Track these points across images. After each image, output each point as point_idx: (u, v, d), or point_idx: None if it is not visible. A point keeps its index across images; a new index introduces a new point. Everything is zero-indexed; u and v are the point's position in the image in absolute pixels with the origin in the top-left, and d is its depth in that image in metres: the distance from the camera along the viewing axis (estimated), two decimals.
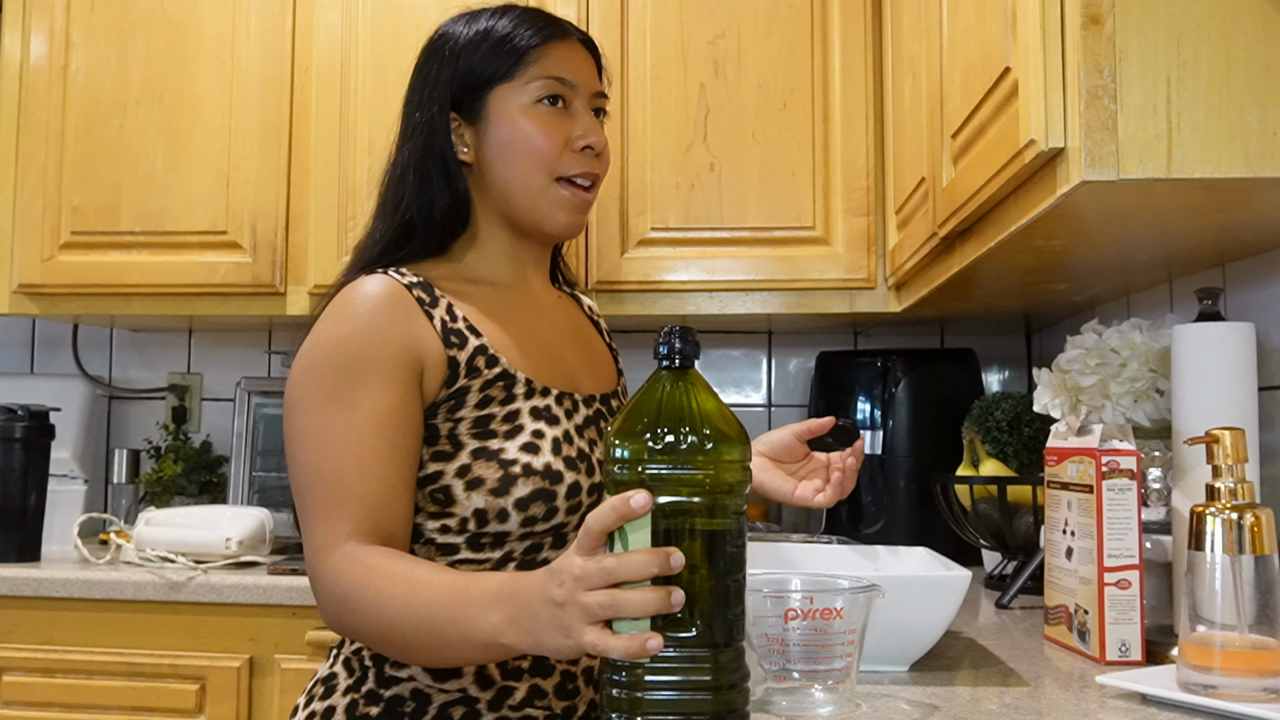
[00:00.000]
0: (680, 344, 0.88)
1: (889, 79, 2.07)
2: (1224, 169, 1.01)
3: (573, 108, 1.24)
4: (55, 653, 1.96)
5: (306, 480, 1.10)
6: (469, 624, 0.93)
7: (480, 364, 1.15)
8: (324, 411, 1.10)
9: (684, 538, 0.84)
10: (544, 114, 1.22)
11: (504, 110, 1.22)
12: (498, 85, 1.22)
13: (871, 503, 2.21)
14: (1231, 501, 0.98)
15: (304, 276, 2.22)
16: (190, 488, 2.48)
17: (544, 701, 1.15)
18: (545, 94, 1.22)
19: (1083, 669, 1.16)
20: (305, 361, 1.13)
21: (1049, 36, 1.05)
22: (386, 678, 1.14)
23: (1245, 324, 1.22)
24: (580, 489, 1.16)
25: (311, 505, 1.09)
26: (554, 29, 1.25)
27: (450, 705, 1.13)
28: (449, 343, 1.14)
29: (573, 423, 1.19)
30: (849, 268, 2.15)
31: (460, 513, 1.13)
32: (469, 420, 1.14)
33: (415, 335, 1.13)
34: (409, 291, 1.15)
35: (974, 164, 1.33)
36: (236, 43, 2.26)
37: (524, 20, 1.25)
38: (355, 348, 1.11)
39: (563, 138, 1.22)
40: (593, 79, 1.27)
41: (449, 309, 1.17)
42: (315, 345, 1.14)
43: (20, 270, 2.27)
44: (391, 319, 1.13)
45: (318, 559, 1.07)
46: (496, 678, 1.14)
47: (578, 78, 1.24)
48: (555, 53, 1.23)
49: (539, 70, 1.22)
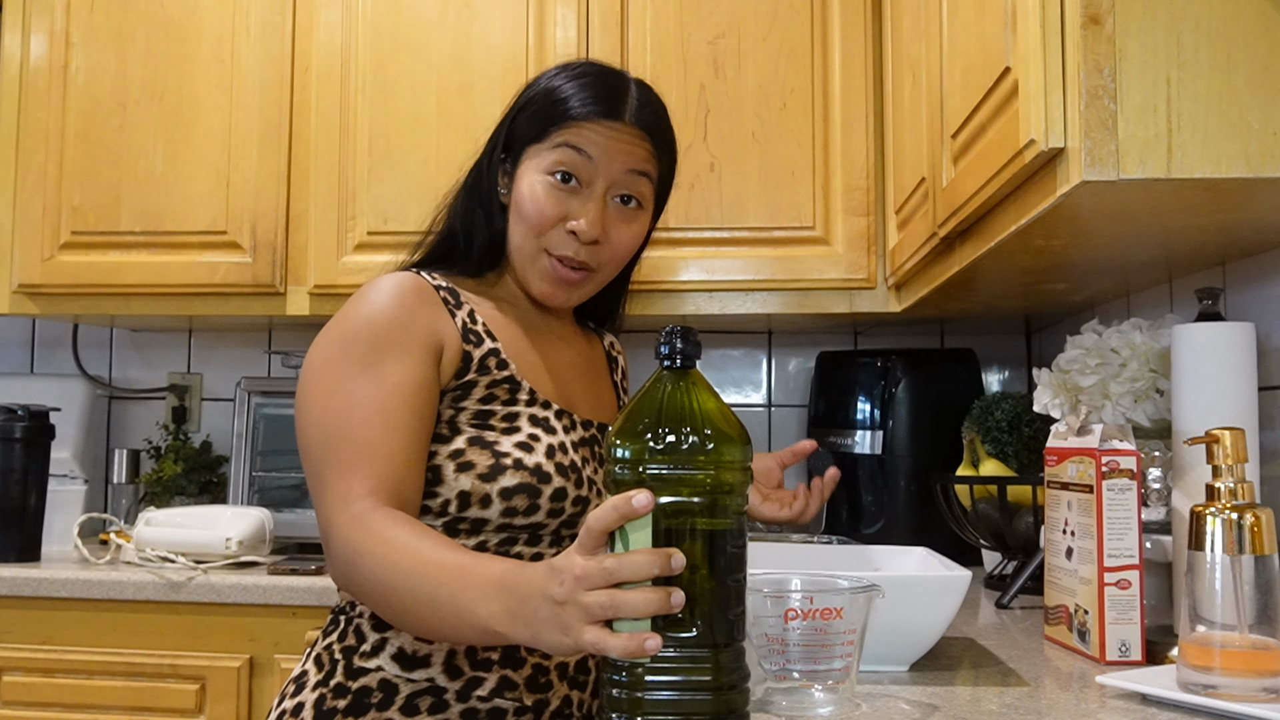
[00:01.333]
0: (681, 344, 0.88)
1: (889, 79, 2.07)
2: (1224, 169, 1.01)
3: (587, 186, 1.22)
4: (55, 653, 1.96)
5: (327, 439, 1.11)
6: (467, 607, 0.94)
7: (491, 364, 1.20)
8: (352, 378, 1.13)
9: (685, 538, 0.84)
10: (550, 186, 1.21)
11: (526, 169, 1.24)
12: (531, 144, 1.24)
13: (871, 503, 2.21)
14: (1231, 501, 0.98)
15: (304, 276, 2.22)
16: (190, 488, 2.48)
17: (514, 694, 1.16)
18: (557, 165, 1.21)
19: (1083, 669, 1.16)
20: (334, 333, 1.17)
21: (1049, 36, 1.05)
22: (355, 669, 1.15)
23: (1245, 324, 1.22)
24: (566, 495, 1.18)
25: (333, 462, 1.10)
26: (603, 106, 1.21)
27: (417, 695, 1.14)
28: (467, 339, 1.19)
29: (569, 437, 1.22)
30: (849, 268, 2.15)
31: (445, 493, 1.15)
32: (470, 411, 1.18)
33: (437, 324, 1.18)
34: (436, 290, 1.21)
35: (974, 164, 1.33)
36: (236, 43, 2.26)
37: (587, 88, 1.22)
38: (385, 324, 1.15)
39: (559, 214, 1.21)
40: (626, 160, 1.22)
41: (470, 313, 1.22)
42: (344, 319, 1.17)
43: (20, 270, 2.27)
44: (418, 306, 1.18)
45: (334, 509, 1.08)
46: (465, 668, 1.15)
47: (602, 155, 1.21)
48: (591, 128, 1.20)
49: (562, 137, 1.21)
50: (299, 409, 1.15)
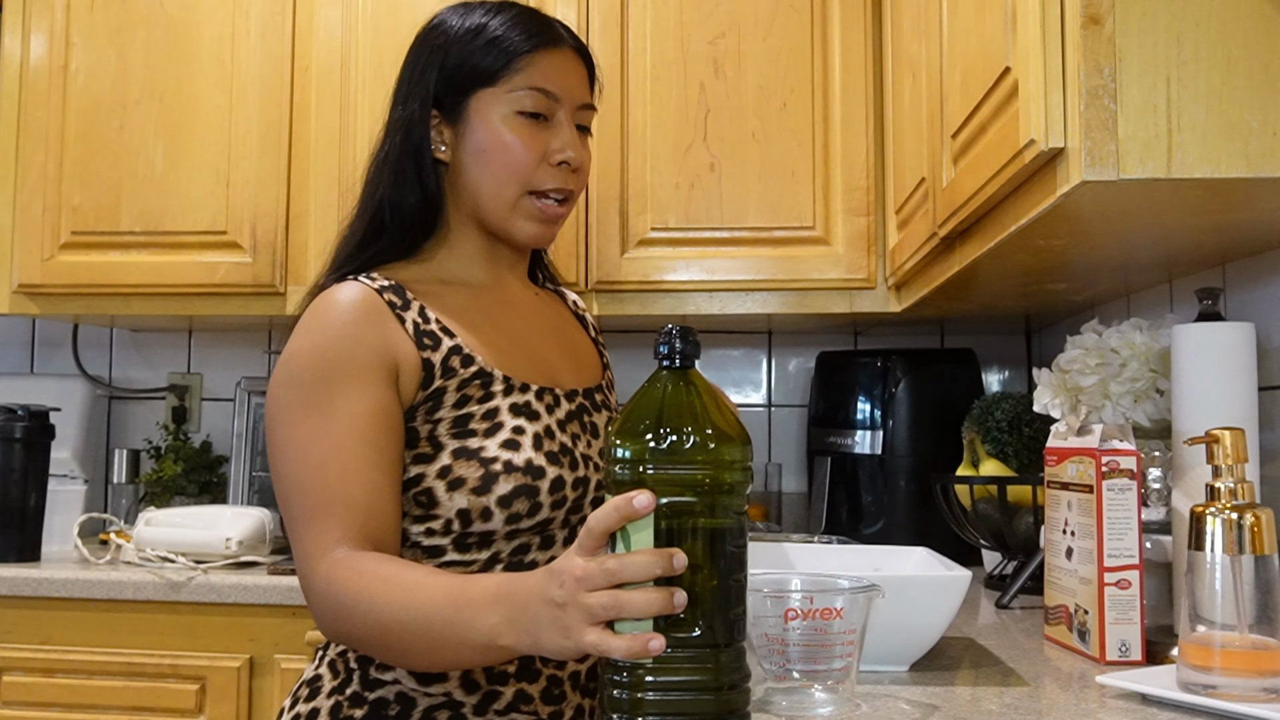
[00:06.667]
0: (681, 344, 0.88)
1: (889, 79, 2.07)
2: (1224, 169, 1.01)
3: (554, 120, 1.22)
4: (55, 653, 1.96)
5: (290, 491, 1.09)
6: (467, 626, 0.93)
7: (455, 364, 1.15)
8: (304, 422, 1.09)
9: (685, 538, 0.84)
10: (523, 125, 1.20)
11: (484, 116, 1.20)
12: (481, 89, 1.20)
13: (871, 503, 2.21)
14: (1231, 501, 0.98)
15: (304, 276, 2.22)
16: (190, 488, 2.48)
17: (530, 706, 1.14)
18: (527, 105, 1.20)
19: (1083, 669, 1.16)
20: (282, 374, 1.13)
21: (1049, 36, 1.05)
22: (371, 680, 1.14)
23: (1245, 324, 1.22)
24: (564, 484, 1.15)
25: (298, 516, 1.08)
26: (547, 36, 1.22)
27: (435, 709, 1.12)
28: (422, 344, 1.14)
29: (554, 418, 1.18)
30: (849, 268, 2.15)
31: (444, 514, 1.12)
32: (448, 420, 1.14)
33: (388, 340, 1.13)
34: (379, 296, 1.15)
35: (974, 164, 1.33)
36: (236, 43, 2.26)
37: (518, 23, 1.22)
38: (330, 356, 1.11)
39: (540, 151, 1.20)
40: (580, 91, 1.25)
41: (421, 311, 1.16)
42: (290, 357, 1.13)
43: (20, 270, 2.27)
44: (364, 325, 1.12)
45: (309, 567, 1.06)
46: (482, 682, 1.13)
47: (563, 89, 1.22)
48: (544, 62, 1.21)
49: (524, 79, 1.20)
50: (268, 459, 1.13)
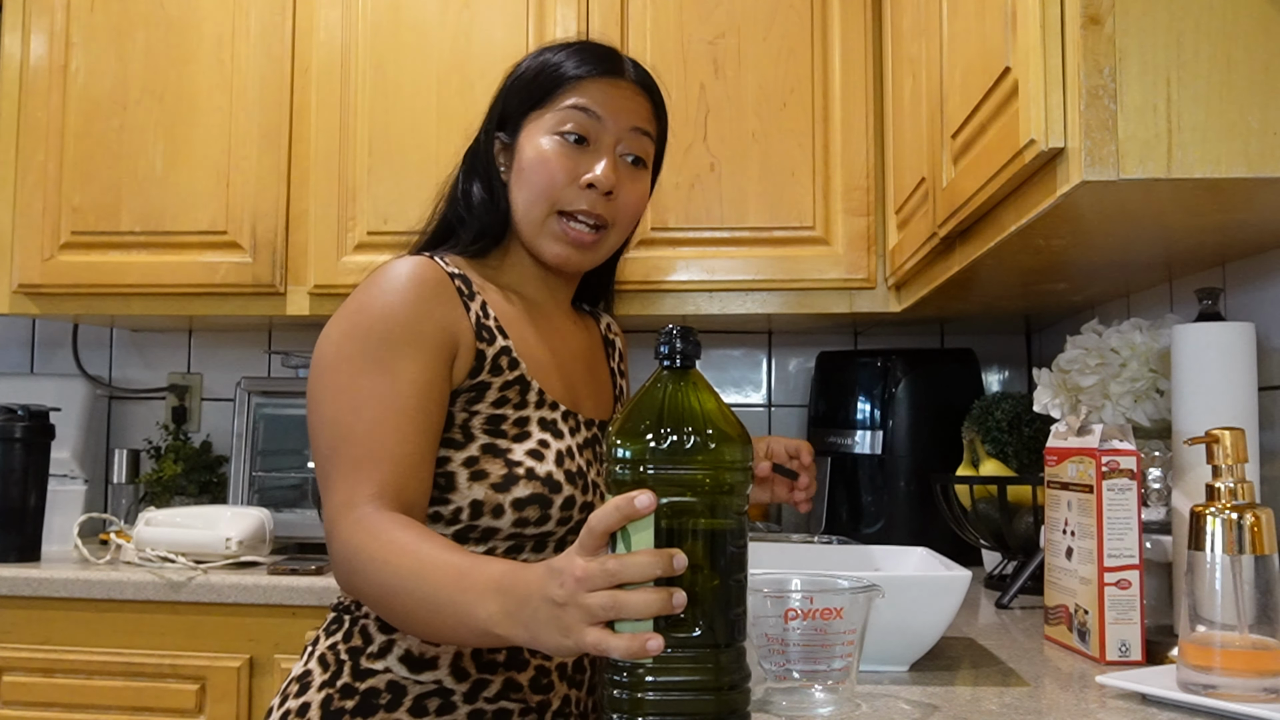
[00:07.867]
0: (681, 344, 0.88)
1: (889, 79, 2.07)
2: (1224, 169, 1.01)
3: (595, 145, 1.22)
4: (55, 653, 1.96)
5: (336, 439, 1.10)
6: (466, 609, 0.94)
7: (503, 364, 1.18)
8: (365, 374, 1.11)
9: (686, 538, 0.84)
10: (560, 146, 1.21)
11: (531, 136, 1.23)
12: (532, 111, 1.24)
13: (871, 503, 2.21)
14: (1231, 501, 0.98)
15: (304, 276, 2.22)
16: (190, 488, 2.48)
17: (519, 695, 1.16)
18: (568, 125, 1.21)
19: (1083, 669, 1.16)
20: (346, 326, 1.14)
21: (1049, 36, 1.05)
22: (362, 670, 1.15)
23: (1245, 324, 1.22)
24: (574, 503, 1.18)
25: (339, 463, 1.09)
26: (603, 65, 1.24)
27: (425, 697, 1.14)
28: (480, 335, 1.17)
29: (575, 440, 1.22)
30: (849, 268, 2.15)
31: (458, 501, 1.14)
32: (483, 415, 1.17)
33: (454, 321, 1.16)
34: (451, 280, 1.18)
35: (974, 164, 1.33)
36: (236, 43, 2.26)
37: (579, 53, 1.24)
38: (400, 320, 1.13)
39: (572, 171, 1.21)
40: (631, 117, 1.24)
41: (483, 305, 1.20)
42: (357, 310, 1.15)
43: (20, 270, 2.27)
44: (434, 301, 1.15)
45: (338, 514, 1.07)
46: (472, 670, 1.15)
47: (609, 112, 1.22)
48: (593, 87, 1.22)
49: (568, 100, 1.22)
50: (310, 403, 1.14)
